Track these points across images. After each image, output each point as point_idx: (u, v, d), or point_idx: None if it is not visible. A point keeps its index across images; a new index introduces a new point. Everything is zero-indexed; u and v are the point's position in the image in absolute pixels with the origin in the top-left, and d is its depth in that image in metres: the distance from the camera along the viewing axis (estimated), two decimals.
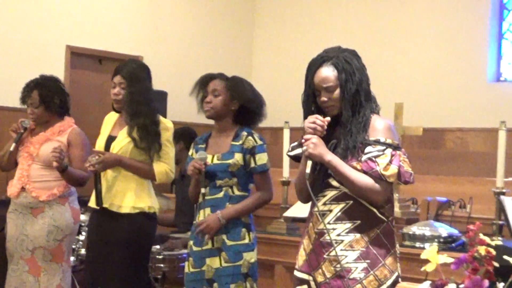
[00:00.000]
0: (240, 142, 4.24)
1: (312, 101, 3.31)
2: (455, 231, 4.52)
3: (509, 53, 9.28)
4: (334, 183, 3.25)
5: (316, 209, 3.27)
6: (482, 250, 2.33)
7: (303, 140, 3.23)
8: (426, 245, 4.34)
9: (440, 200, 5.16)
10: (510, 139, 8.16)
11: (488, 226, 4.60)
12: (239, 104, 4.30)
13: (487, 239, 2.34)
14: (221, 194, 4.21)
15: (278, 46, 10.59)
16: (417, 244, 4.38)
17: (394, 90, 8.70)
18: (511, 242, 4.10)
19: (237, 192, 4.23)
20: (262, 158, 4.25)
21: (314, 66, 3.30)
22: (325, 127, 3.22)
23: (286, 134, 5.47)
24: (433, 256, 2.36)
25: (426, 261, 2.43)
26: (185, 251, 4.72)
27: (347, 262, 3.19)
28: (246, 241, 4.22)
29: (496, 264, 2.31)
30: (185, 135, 6.18)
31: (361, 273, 3.18)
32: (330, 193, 3.26)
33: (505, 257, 2.31)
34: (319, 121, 3.22)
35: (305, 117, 3.30)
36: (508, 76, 9.29)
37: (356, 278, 3.17)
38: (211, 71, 4.54)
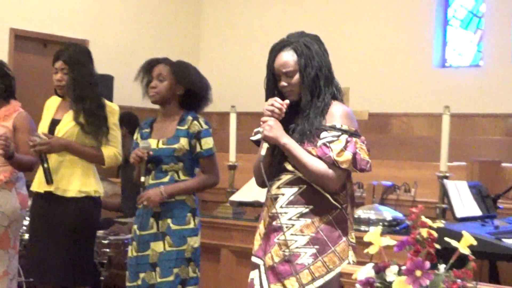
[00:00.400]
0: (186, 126, 4.24)
1: (273, 85, 3.30)
2: (399, 215, 4.58)
3: (454, 40, 9.41)
4: (289, 167, 3.24)
5: (270, 192, 3.28)
6: (424, 232, 2.36)
7: (261, 123, 3.23)
8: (371, 228, 4.35)
9: (385, 184, 5.22)
10: (454, 124, 8.31)
11: (432, 210, 4.67)
12: (185, 89, 4.29)
13: (429, 222, 2.36)
14: (166, 179, 4.20)
15: (226, 30, 10.57)
16: (362, 228, 4.43)
17: (340, 75, 8.69)
18: (453, 225, 4.16)
19: (182, 177, 4.22)
20: (208, 143, 4.25)
21: (274, 50, 3.28)
22: (284, 110, 3.21)
23: (233, 118, 5.47)
24: (376, 239, 2.38)
25: (370, 244, 2.46)
26: (131, 235, 4.70)
27: (296, 247, 3.18)
28: (191, 225, 4.22)
29: (438, 246, 2.34)
30: (127, 121, 6.14)
31: (310, 258, 3.17)
32: (285, 177, 3.25)
33: (447, 239, 2.34)
34: (277, 103, 3.22)
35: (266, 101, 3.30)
36: (453, 62, 9.42)
37: (304, 264, 3.17)
38: (158, 55, 4.51)
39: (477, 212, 4.48)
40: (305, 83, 3.21)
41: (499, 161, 6.35)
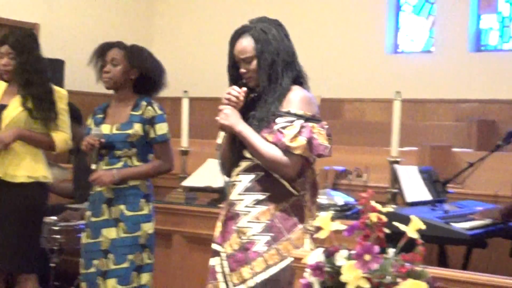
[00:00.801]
0: (140, 112, 4.21)
1: (235, 72, 3.29)
2: (351, 199, 4.62)
3: (406, 25, 9.48)
4: (247, 154, 3.23)
5: (229, 179, 3.28)
6: (373, 217, 2.38)
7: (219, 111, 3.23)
8: (323, 213, 4.41)
9: (337, 169, 5.26)
10: (406, 110, 8.39)
11: (384, 194, 4.71)
12: (139, 73, 4.26)
13: (378, 207, 2.39)
14: (119, 165, 4.17)
15: (179, 15, 10.51)
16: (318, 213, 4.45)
17: None
18: (404, 209, 4.21)
19: (136, 163, 4.20)
20: (162, 128, 4.23)
21: (234, 37, 3.27)
22: (241, 98, 3.21)
23: (185, 103, 5.45)
24: (326, 223, 2.40)
25: (321, 229, 2.48)
26: (83, 222, 4.66)
27: (252, 234, 3.18)
28: (145, 211, 4.20)
29: (387, 231, 2.36)
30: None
31: (264, 246, 3.16)
32: (244, 164, 3.24)
33: (396, 223, 2.37)
34: (235, 92, 3.21)
35: None
36: (405, 48, 9.50)
37: (258, 251, 3.16)
38: (110, 39, 4.46)
39: (427, 196, 4.54)
40: (262, 68, 3.19)
41: (450, 146, 6.43)
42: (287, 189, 3.21)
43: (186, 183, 5.34)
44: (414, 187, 4.49)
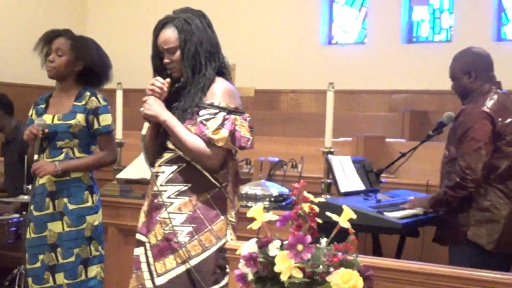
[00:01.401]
0: (83, 102, 4.16)
1: (159, 62, 3.30)
2: (286, 190, 4.64)
3: (340, 17, 9.56)
4: (170, 145, 3.27)
5: (153, 171, 3.28)
6: (306, 207, 2.40)
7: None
8: (258, 204, 4.43)
9: (272, 160, 5.28)
10: (340, 100, 8.49)
11: (318, 185, 4.76)
12: (83, 66, 4.20)
13: (311, 197, 2.41)
14: (61, 156, 4.11)
15: (112, 5, 10.40)
16: (249, 204, 4.47)
17: (227, 51, 8.71)
18: (337, 199, 4.26)
19: (78, 154, 4.15)
20: (106, 119, 4.18)
21: (158, 27, 3.29)
22: (165, 88, 3.22)
23: (119, 95, 5.42)
24: (259, 214, 2.41)
25: (254, 220, 2.49)
26: (16, 215, 4.61)
27: (175, 225, 3.21)
28: (89, 203, 4.16)
29: (320, 221, 2.39)
30: (0, 102, 6.00)
31: (186, 237, 3.21)
32: (166, 155, 3.28)
33: (328, 213, 2.40)
34: (158, 82, 3.22)
35: None
36: (339, 39, 9.58)
37: (180, 242, 3.20)
38: (42, 28, 4.39)
39: (361, 186, 4.60)
40: (186, 59, 3.22)
41: (383, 137, 6.52)
42: (209, 180, 3.25)
43: (121, 175, 5.30)
44: (347, 177, 4.54)
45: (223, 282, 3.26)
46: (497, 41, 8.49)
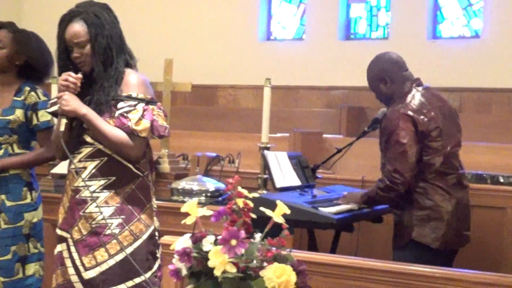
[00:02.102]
0: (22, 97, 4.09)
1: (66, 57, 3.29)
2: (222, 186, 4.64)
3: (279, 13, 9.60)
4: (89, 139, 3.28)
5: (72, 166, 3.28)
6: (240, 202, 2.41)
7: (56, 99, 3.22)
8: (194, 199, 4.41)
9: (209, 155, 5.27)
10: (279, 96, 8.53)
11: (255, 180, 4.77)
12: (24, 60, 4.13)
13: (245, 192, 2.42)
14: (0, 152, 4.05)
15: (47, 6, 10.27)
16: (186, 199, 4.46)
17: (165, 47, 8.73)
18: (272, 194, 4.28)
19: (17, 150, 4.08)
20: (45, 115, 4.09)
21: (64, 21, 3.28)
22: (78, 83, 3.22)
23: (54, 89, 5.34)
24: (193, 209, 2.41)
25: (188, 215, 2.48)
26: None
27: (102, 219, 3.24)
28: (28, 200, 4.10)
29: (254, 216, 2.40)
30: None
31: (116, 228, 3.25)
32: (85, 150, 3.29)
33: (262, 208, 2.41)
34: (72, 78, 3.21)
35: (60, 74, 3.29)
36: (277, 35, 9.62)
37: (111, 234, 3.23)
38: None
39: (297, 182, 4.62)
40: (97, 52, 3.24)
41: (320, 132, 6.57)
42: (132, 171, 3.30)
43: (55, 170, 5.23)
44: (283, 172, 4.56)
45: (155, 267, 3.34)
46: (433, 39, 8.63)
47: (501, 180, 5.12)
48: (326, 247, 4.78)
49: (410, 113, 4.15)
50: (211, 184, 4.63)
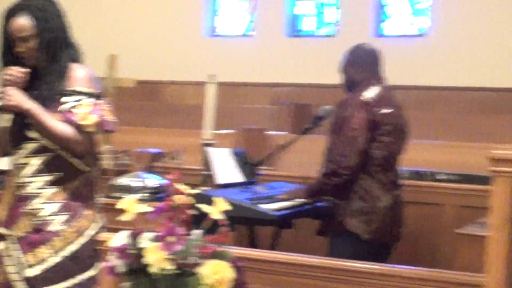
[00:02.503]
0: None
1: (10, 51, 3.24)
2: (164, 182, 4.63)
3: (225, 9, 9.61)
4: (33, 135, 3.21)
5: (14, 162, 3.24)
6: (179, 199, 2.42)
7: (0, 94, 3.17)
8: (134, 196, 4.40)
9: (152, 151, 5.26)
10: (224, 93, 8.49)
11: (198, 177, 4.77)
12: None
13: (184, 188, 2.42)
14: None
15: None
16: (125, 195, 4.42)
17: (110, 42, 8.68)
18: (214, 191, 4.28)
19: None
20: None
21: (9, 15, 3.22)
22: (24, 78, 3.17)
23: None
24: (131, 206, 2.41)
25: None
26: None
27: (47, 215, 3.20)
28: None
29: (194, 212, 2.41)
30: None
31: (62, 225, 3.20)
32: (29, 146, 3.23)
33: (200, 205, 2.41)
34: (17, 72, 3.17)
35: (4, 68, 3.24)
36: (221, 31, 9.62)
37: (56, 231, 3.19)
38: None
39: (239, 178, 4.63)
40: (42, 47, 3.20)
41: (264, 129, 6.60)
42: (77, 167, 3.26)
43: None
44: (226, 169, 4.58)
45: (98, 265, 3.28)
46: (377, 37, 8.72)
47: (440, 178, 5.22)
48: (266, 244, 4.81)
49: (368, 101, 4.23)
50: (153, 180, 4.62)
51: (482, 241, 3.36)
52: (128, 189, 4.51)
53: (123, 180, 4.55)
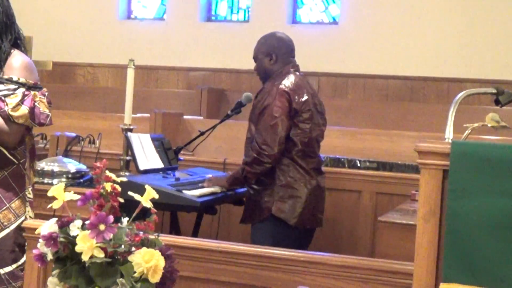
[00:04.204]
0: None
1: None
2: (83, 167, 4.57)
3: None
4: None
5: None
6: (108, 186, 2.39)
7: None
8: (55, 181, 4.34)
9: (69, 135, 5.17)
10: (139, 76, 8.45)
11: (117, 162, 4.73)
12: None
13: (113, 176, 2.39)
14: None
15: None
16: (46, 180, 4.36)
17: (24, 24, 8.42)
18: (136, 177, 4.25)
19: None
20: None
21: None
22: None
23: None
24: (60, 193, 2.36)
25: (55, 198, 2.44)
26: None
27: None
28: None
29: (122, 200, 2.38)
30: None
31: None
32: None
33: (130, 192, 2.39)
34: None
35: None
36: (138, 14, 9.52)
37: None
38: None
39: (160, 164, 4.61)
40: None
41: (181, 113, 6.58)
42: (6, 157, 3.15)
43: None
44: (146, 155, 4.55)
45: (22, 260, 3.19)
46: (292, 23, 8.78)
47: (358, 165, 5.32)
48: (187, 229, 4.81)
49: (287, 90, 4.27)
50: (72, 165, 4.55)
51: (403, 229, 3.47)
52: (48, 174, 4.42)
53: (42, 165, 4.46)
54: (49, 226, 2.34)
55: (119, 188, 2.39)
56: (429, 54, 7.94)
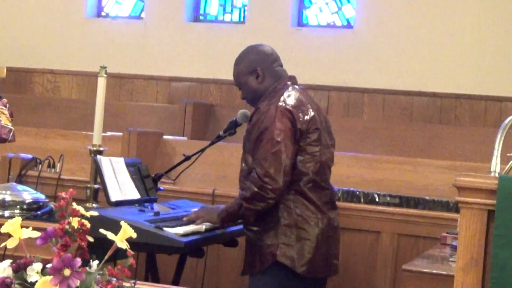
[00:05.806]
0: None
1: None
2: (41, 196, 4.54)
3: None
4: None
5: None
6: (75, 222, 2.36)
7: None
8: (6, 212, 4.31)
9: (24, 157, 5.17)
10: (109, 86, 8.40)
11: (82, 190, 4.69)
12: None
13: (81, 210, 2.37)
14: None
15: None
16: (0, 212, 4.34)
17: None
18: (108, 210, 4.23)
19: None
20: None
21: None
22: None
23: None
24: (16, 230, 2.34)
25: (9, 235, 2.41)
26: None
27: None
28: None
29: (91, 239, 2.36)
30: None
31: None
32: None
33: (102, 230, 2.37)
34: None
35: None
36: (110, 12, 9.55)
37: None
38: None
39: (135, 195, 4.59)
40: None
41: (161, 133, 6.57)
42: None
43: None
44: (119, 183, 4.53)
45: None
46: (297, 26, 8.78)
47: (376, 199, 5.29)
48: (166, 273, 4.79)
49: (289, 107, 4.24)
50: (28, 193, 4.51)
51: (432, 280, 3.44)
52: (2, 205, 4.37)
53: None
54: (1, 270, 2.32)
55: (88, 225, 2.37)
56: (464, 67, 7.94)
